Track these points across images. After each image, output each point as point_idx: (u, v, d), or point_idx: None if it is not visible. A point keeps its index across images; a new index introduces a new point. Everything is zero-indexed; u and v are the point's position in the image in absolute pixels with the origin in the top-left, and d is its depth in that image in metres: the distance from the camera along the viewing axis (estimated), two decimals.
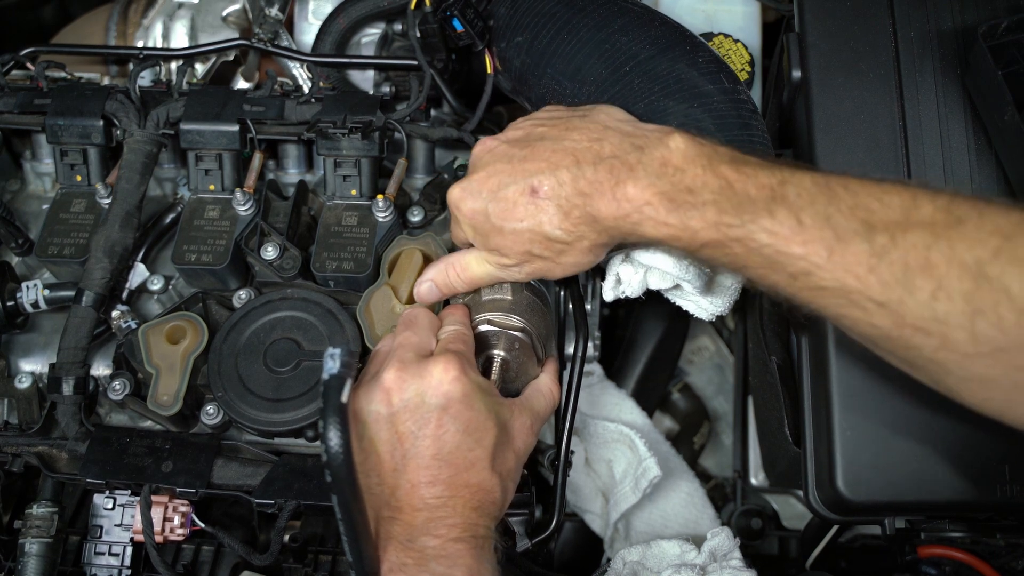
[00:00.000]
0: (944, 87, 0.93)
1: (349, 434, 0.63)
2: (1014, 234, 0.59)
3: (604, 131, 0.75)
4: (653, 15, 0.93)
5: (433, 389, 0.73)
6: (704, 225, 0.68)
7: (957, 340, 0.60)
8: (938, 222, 0.61)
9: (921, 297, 0.60)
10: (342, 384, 0.63)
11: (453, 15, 0.98)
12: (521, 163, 0.75)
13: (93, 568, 0.94)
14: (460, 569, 0.69)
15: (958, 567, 1.05)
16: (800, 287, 0.66)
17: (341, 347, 0.64)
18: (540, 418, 0.83)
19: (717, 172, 0.69)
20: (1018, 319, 0.58)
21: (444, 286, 0.87)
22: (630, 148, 0.72)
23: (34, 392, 0.97)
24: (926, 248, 0.60)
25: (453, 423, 0.72)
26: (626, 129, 0.76)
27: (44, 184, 1.16)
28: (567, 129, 0.77)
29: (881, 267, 0.61)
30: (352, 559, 0.66)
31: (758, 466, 1.35)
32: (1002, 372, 0.60)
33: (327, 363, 0.64)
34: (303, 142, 1.11)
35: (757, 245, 0.66)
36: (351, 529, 0.65)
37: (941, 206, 0.62)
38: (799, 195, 0.65)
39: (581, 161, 0.73)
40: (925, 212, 0.62)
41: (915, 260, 0.61)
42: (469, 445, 0.72)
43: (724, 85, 0.86)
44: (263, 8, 1.19)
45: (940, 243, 0.60)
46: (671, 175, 0.70)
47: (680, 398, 1.47)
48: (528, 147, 0.76)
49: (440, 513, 0.71)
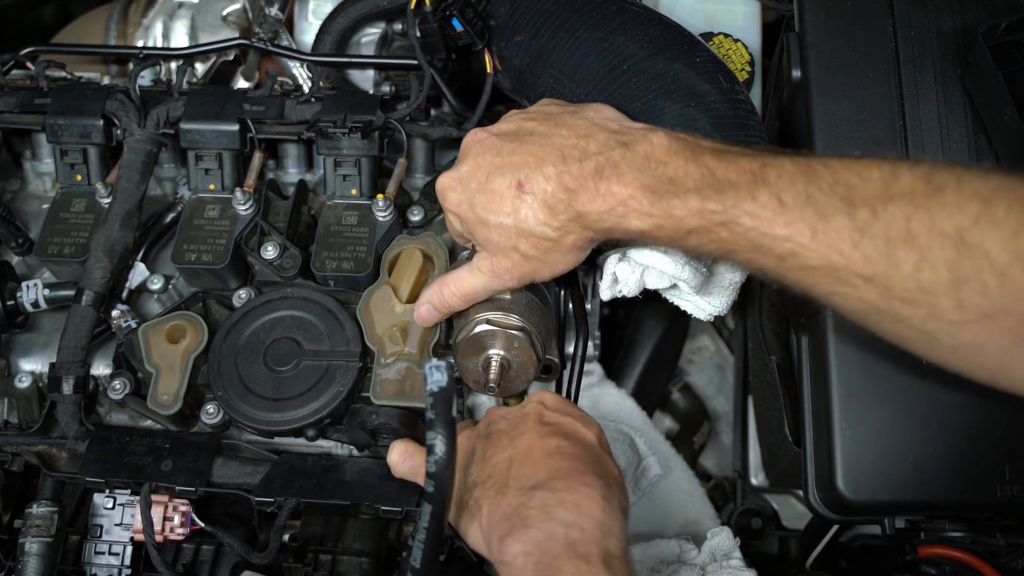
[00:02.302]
0: (944, 87, 0.93)
1: (455, 447, 0.65)
2: (992, 198, 0.59)
3: (591, 128, 0.76)
4: (651, 15, 0.93)
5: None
6: (687, 213, 0.69)
7: (944, 308, 0.61)
8: (918, 191, 0.61)
9: (905, 269, 0.61)
10: (451, 397, 0.64)
11: (452, 15, 0.98)
12: (509, 156, 0.76)
13: (93, 567, 0.95)
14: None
15: (958, 567, 1.05)
16: (788, 268, 0.67)
17: (445, 360, 0.65)
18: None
19: (699, 162, 0.70)
20: (1000, 283, 0.58)
21: (441, 306, 0.87)
22: (615, 145, 0.73)
23: (34, 391, 0.97)
24: (907, 219, 0.61)
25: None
26: (613, 127, 0.76)
27: (44, 184, 1.16)
28: (556, 125, 0.77)
29: (864, 242, 0.62)
30: (420, 567, 0.67)
31: (758, 466, 1.35)
32: (990, 337, 0.61)
33: (432, 375, 0.64)
34: (303, 141, 1.11)
35: (742, 229, 0.67)
36: (434, 540, 0.66)
37: (920, 175, 0.62)
38: (779, 176, 0.66)
39: (567, 157, 0.73)
40: (904, 183, 0.62)
41: (897, 232, 0.61)
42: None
43: (721, 85, 0.86)
44: (263, 8, 1.19)
45: (920, 213, 0.60)
46: (654, 168, 0.71)
47: (680, 398, 1.47)
48: (517, 140, 0.77)
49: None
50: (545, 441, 0.76)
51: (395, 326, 0.92)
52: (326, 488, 0.89)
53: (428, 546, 0.66)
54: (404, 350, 0.91)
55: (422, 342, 0.92)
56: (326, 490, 0.89)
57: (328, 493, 0.88)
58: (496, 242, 0.78)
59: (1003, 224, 0.58)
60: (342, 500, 0.88)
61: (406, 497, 0.88)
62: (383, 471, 0.90)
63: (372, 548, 0.95)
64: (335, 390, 0.90)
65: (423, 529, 0.66)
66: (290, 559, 0.93)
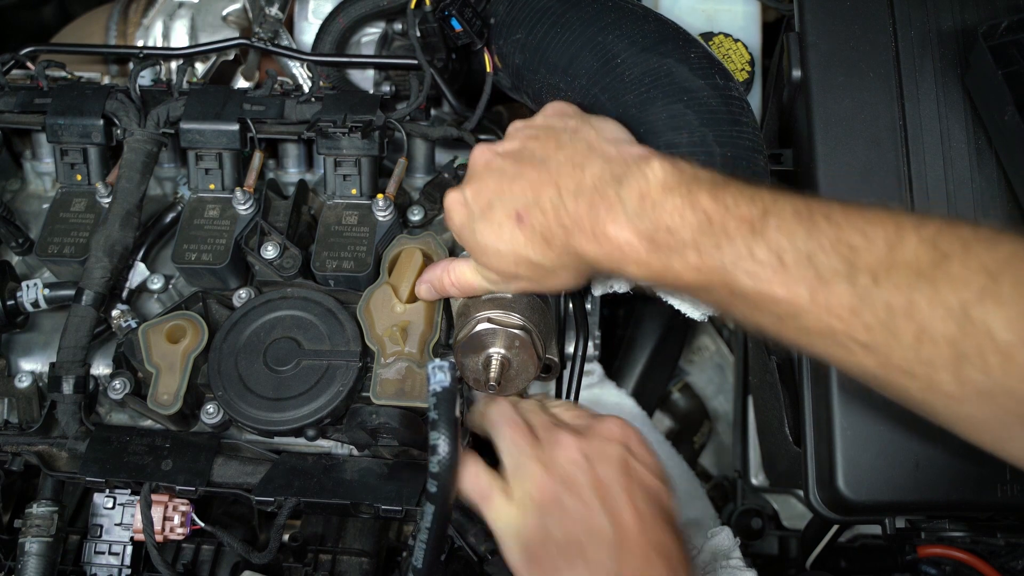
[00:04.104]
0: (944, 87, 0.93)
1: (459, 447, 0.64)
2: (1000, 272, 0.57)
3: (588, 154, 0.74)
4: (647, 12, 0.93)
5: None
6: (686, 268, 0.67)
7: (942, 383, 0.59)
8: (922, 260, 0.59)
9: (905, 340, 0.59)
10: (454, 397, 0.63)
11: (451, 15, 0.98)
12: (510, 184, 0.75)
13: (93, 567, 0.94)
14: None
15: (958, 567, 1.06)
16: (786, 328, 0.65)
17: (448, 361, 0.65)
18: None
19: (696, 204, 0.66)
20: (1003, 363, 0.56)
21: (440, 291, 0.88)
22: (610, 179, 0.70)
23: (34, 391, 0.97)
24: (909, 289, 0.58)
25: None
26: (610, 153, 0.74)
27: (44, 183, 1.16)
28: (556, 148, 0.75)
29: (864, 310, 0.60)
30: (422, 567, 0.67)
31: (758, 466, 1.35)
32: (991, 414, 0.59)
33: (435, 375, 0.64)
34: (303, 141, 1.11)
35: (740, 289, 0.64)
36: (436, 540, 0.66)
37: (927, 239, 0.59)
38: (779, 228, 0.63)
39: (562, 190, 0.72)
40: (909, 248, 0.60)
41: (898, 302, 0.59)
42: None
43: (715, 81, 0.86)
44: (263, 7, 1.19)
45: (923, 285, 0.58)
46: (650, 211, 0.68)
47: (680, 398, 1.47)
48: (519, 164, 0.76)
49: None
50: (649, 530, 0.71)
51: (395, 326, 0.92)
52: (326, 488, 0.89)
53: (430, 546, 0.66)
54: (404, 350, 0.91)
55: (422, 342, 0.92)
56: (326, 490, 0.89)
57: (328, 493, 0.88)
58: (496, 266, 0.78)
59: (1008, 302, 0.56)
60: (342, 500, 0.88)
61: (406, 497, 0.88)
62: (383, 471, 0.90)
63: (372, 548, 0.95)
64: (335, 390, 0.90)
65: (425, 529, 0.66)
66: (290, 559, 0.93)
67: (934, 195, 0.89)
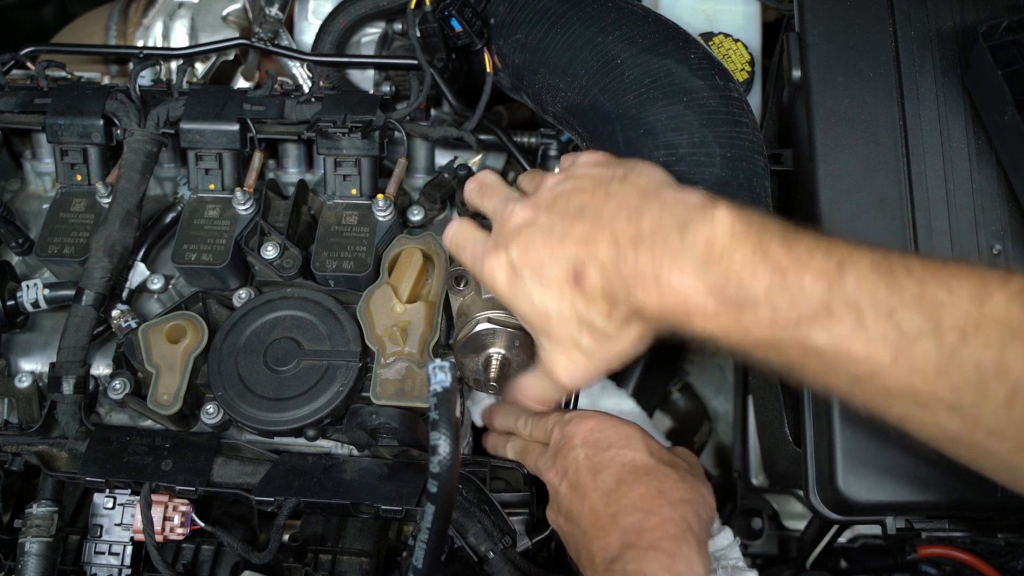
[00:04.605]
0: (944, 87, 0.93)
1: (459, 447, 0.64)
2: None
3: (643, 200, 0.68)
4: (647, 13, 0.93)
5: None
6: (757, 324, 0.62)
7: None
8: (1013, 316, 0.55)
9: (996, 401, 0.56)
10: (455, 397, 0.64)
11: (451, 15, 0.98)
12: (560, 242, 0.69)
13: (93, 567, 0.94)
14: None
15: (958, 567, 1.06)
16: (863, 390, 0.61)
17: (448, 361, 0.65)
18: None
19: (768, 256, 0.62)
20: None
21: (527, 409, 0.89)
22: (672, 226, 0.65)
23: (34, 391, 0.97)
24: (1001, 347, 0.55)
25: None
26: (667, 198, 0.68)
27: (44, 183, 1.16)
28: (605, 197, 0.70)
29: (952, 369, 0.56)
30: (422, 567, 0.67)
31: (758, 466, 1.35)
32: None
33: (436, 375, 0.64)
34: (303, 141, 1.11)
35: (815, 347, 0.60)
36: (437, 540, 0.66)
37: (1016, 295, 0.56)
38: (859, 284, 0.59)
39: (621, 242, 0.67)
40: (999, 305, 0.56)
41: (989, 361, 0.55)
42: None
43: (715, 82, 0.86)
44: (263, 7, 1.19)
45: (1017, 342, 0.55)
46: (718, 261, 0.63)
47: (680, 398, 1.47)
48: (566, 220, 0.70)
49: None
50: (606, 500, 0.77)
51: (395, 326, 0.92)
52: (326, 488, 0.89)
53: (430, 546, 0.66)
54: (404, 350, 0.91)
55: (422, 342, 0.92)
56: (326, 490, 0.89)
57: (328, 493, 0.88)
58: (558, 333, 0.73)
59: None
60: (342, 500, 0.88)
61: (406, 497, 0.88)
62: (383, 471, 0.90)
63: (372, 548, 0.95)
64: (335, 390, 0.90)
65: (425, 529, 0.66)
66: (290, 559, 0.93)
67: (934, 195, 0.89)
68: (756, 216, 0.65)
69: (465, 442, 1.00)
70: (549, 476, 0.84)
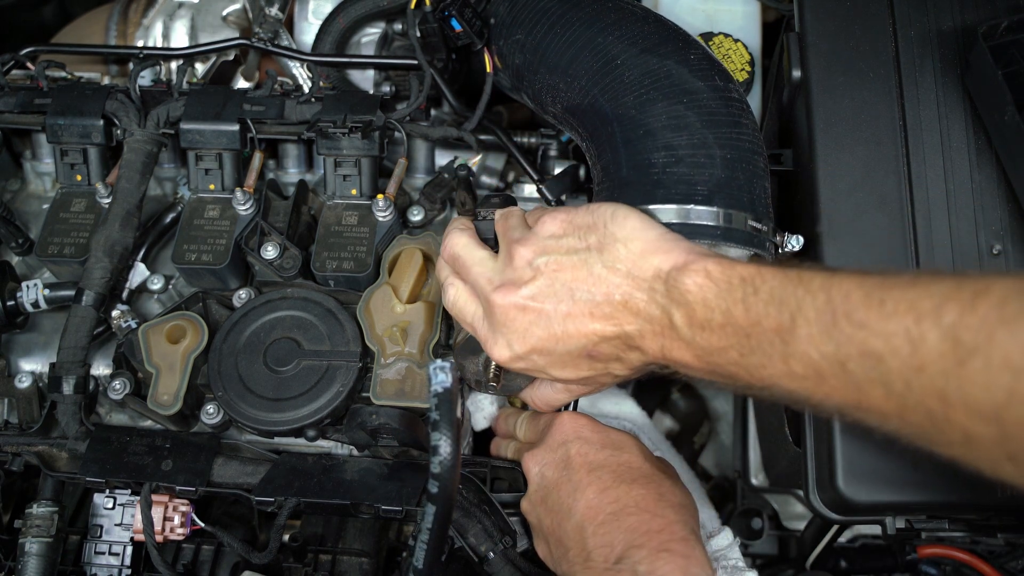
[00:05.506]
0: (944, 87, 0.93)
1: (460, 448, 0.66)
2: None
3: (624, 284, 0.72)
4: (647, 13, 0.93)
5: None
6: (739, 373, 0.69)
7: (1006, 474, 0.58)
8: (946, 355, 0.56)
9: (954, 438, 0.58)
10: (455, 398, 0.64)
11: (451, 15, 0.98)
12: (565, 334, 0.74)
13: (93, 568, 0.94)
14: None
15: (958, 567, 1.06)
16: (841, 417, 0.66)
17: (448, 361, 0.65)
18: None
19: (734, 322, 0.67)
20: None
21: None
22: (660, 305, 0.71)
23: (34, 392, 0.97)
24: (944, 384, 0.57)
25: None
26: (646, 273, 0.72)
27: (44, 184, 1.16)
28: (589, 276, 0.73)
29: (907, 413, 0.60)
30: (422, 567, 0.67)
31: (758, 466, 1.35)
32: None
33: (436, 376, 0.64)
34: (303, 142, 1.11)
35: (788, 395, 0.67)
36: (437, 540, 0.67)
37: (947, 328, 0.56)
38: (809, 339, 0.63)
39: (624, 324, 0.73)
40: (931, 345, 0.57)
41: (936, 408, 0.58)
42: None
43: (715, 83, 0.86)
44: (263, 8, 1.19)
45: (951, 381, 0.56)
46: (699, 335, 0.69)
47: (680, 398, 1.47)
48: (555, 301, 0.74)
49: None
50: (606, 497, 0.79)
51: (395, 326, 0.92)
52: (326, 488, 0.89)
53: (430, 546, 0.66)
54: (404, 350, 0.91)
55: (422, 342, 0.92)
56: (326, 490, 0.89)
57: (328, 493, 0.89)
58: (579, 391, 0.86)
59: None
60: (342, 500, 0.88)
61: (406, 497, 0.88)
62: (383, 471, 0.90)
63: (372, 548, 0.95)
64: (335, 390, 0.90)
65: (426, 529, 0.66)
66: (290, 559, 0.93)
67: (934, 195, 0.89)
68: (721, 273, 0.68)
69: (465, 442, 1.00)
70: (533, 466, 0.86)
